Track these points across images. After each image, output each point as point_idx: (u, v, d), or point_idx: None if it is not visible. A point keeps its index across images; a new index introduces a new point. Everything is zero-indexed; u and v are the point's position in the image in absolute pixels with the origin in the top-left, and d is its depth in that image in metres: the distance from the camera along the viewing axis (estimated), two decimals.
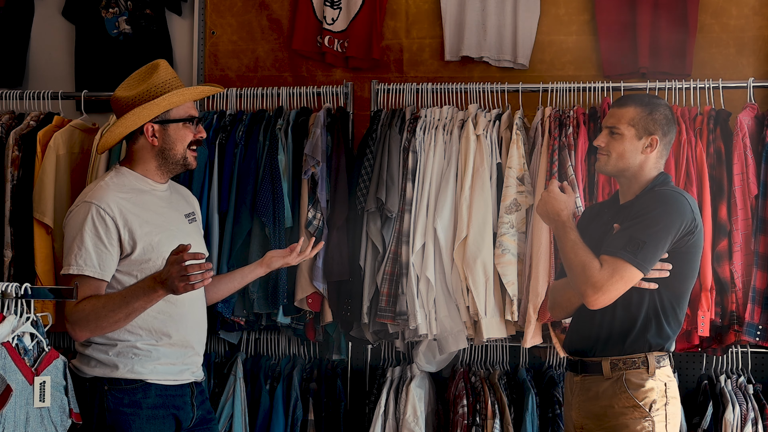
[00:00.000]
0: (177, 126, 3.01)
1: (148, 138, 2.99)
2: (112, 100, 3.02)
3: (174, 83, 3.01)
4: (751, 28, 4.22)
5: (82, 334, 2.84)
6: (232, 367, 3.99)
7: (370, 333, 3.87)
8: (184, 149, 3.02)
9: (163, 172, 3.04)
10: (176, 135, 3.01)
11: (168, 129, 3.00)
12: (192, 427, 3.01)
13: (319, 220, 3.82)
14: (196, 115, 3.06)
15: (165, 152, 3.01)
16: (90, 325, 2.81)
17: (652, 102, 3.01)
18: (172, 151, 3.01)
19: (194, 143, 3.05)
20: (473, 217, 3.70)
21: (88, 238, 2.84)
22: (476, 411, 3.79)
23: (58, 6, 4.78)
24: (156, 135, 2.99)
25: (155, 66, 3.03)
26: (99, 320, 2.80)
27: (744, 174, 3.62)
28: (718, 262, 3.61)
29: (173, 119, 3.01)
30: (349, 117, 4.06)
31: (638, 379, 2.88)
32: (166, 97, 2.97)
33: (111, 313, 2.79)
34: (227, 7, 4.65)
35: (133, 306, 2.79)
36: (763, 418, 3.68)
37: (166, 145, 3.00)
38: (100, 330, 2.83)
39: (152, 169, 3.02)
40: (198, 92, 3.07)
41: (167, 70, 3.03)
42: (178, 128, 3.01)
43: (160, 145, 3.00)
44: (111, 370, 2.87)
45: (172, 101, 2.98)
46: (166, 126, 3.00)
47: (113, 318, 2.80)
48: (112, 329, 2.84)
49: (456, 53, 4.43)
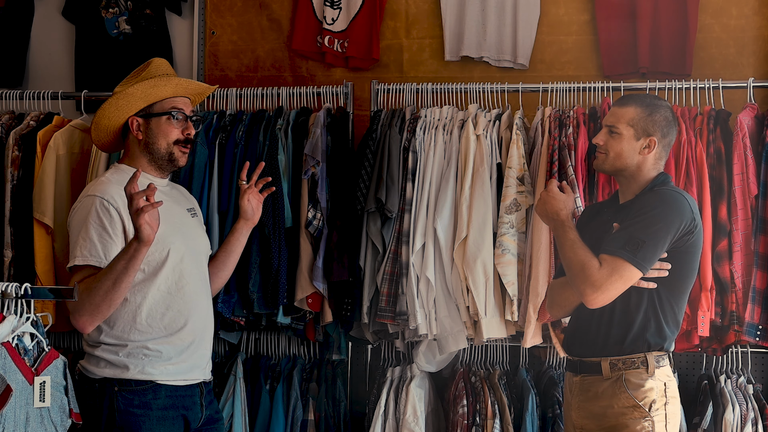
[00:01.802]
0: (159, 120, 3.01)
1: (133, 132, 3.01)
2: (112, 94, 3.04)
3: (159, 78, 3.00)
4: (751, 28, 4.22)
5: (83, 319, 2.79)
6: (232, 367, 3.99)
7: (370, 333, 3.87)
8: (168, 144, 3.01)
9: (156, 168, 3.04)
10: (158, 129, 3.01)
11: (150, 122, 3.01)
12: (200, 427, 3.02)
13: (319, 220, 3.82)
14: (183, 109, 3.04)
15: (150, 146, 3.01)
16: (86, 306, 2.76)
17: (654, 103, 3.01)
18: (156, 146, 3.01)
19: (182, 141, 3.03)
20: (473, 217, 3.70)
21: (93, 229, 2.84)
22: (476, 411, 3.79)
23: (58, 6, 4.78)
24: (140, 129, 3.01)
25: (150, 62, 3.05)
26: (91, 297, 2.75)
27: (744, 174, 3.62)
28: (718, 262, 3.61)
29: (155, 113, 3.00)
30: (349, 117, 4.06)
31: (638, 379, 2.88)
32: (142, 86, 2.96)
33: (99, 285, 2.74)
34: (227, 7, 4.65)
35: (116, 269, 2.73)
36: (763, 418, 3.68)
37: (149, 139, 3.01)
38: (96, 309, 2.77)
39: (145, 165, 3.03)
40: (178, 84, 3.02)
41: (160, 66, 3.03)
42: (159, 122, 3.01)
43: (144, 139, 3.01)
44: (121, 371, 2.87)
45: (147, 92, 2.97)
46: (148, 120, 3.00)
47: (102, 288, 2.73)
48: (107, 305, 2.77)
49: (456, 53, 4.43)
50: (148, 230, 2.68)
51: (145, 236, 2.69)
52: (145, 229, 2.68)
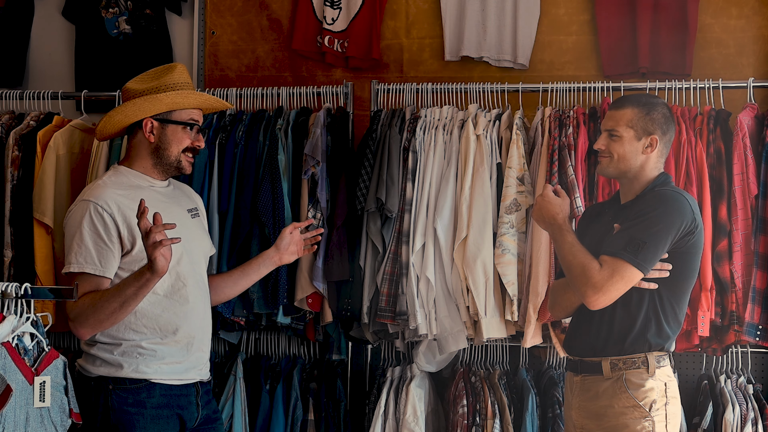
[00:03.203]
0: (176, 128, 3.02)
1: (145, 133, 3.00)
2: (123, 90, 3.05)
3: (186, 87, 3.03)
4: (751, 28, 4.22)
5: (84, 330, 2.84)
6: (232, 367, 3.99)
7: (370, 333, 3.87)
8: (179, 152, 3.03)
9: (159, 171, 3.05)
10: (173, 136, 3.02)
11: (166, 128, 3.01)
12: (197, 427, 3.02)
13: (319, 220, 3.82)
14: (198, 121, 3.07)
15: (160, 151, 3.02)
16: (89, 320, 2.81)
17: (650, 102, 3.01)
18: (167, 152, 3.02)
19: (190, 150, 3.05)
20: (473, 217, 3.70)
21: (87, 235, 2.85)
22: (476, 411, 3.79)
23: (58, 6, 4.78)
24: (153, 132, 3.00)
25: (172, 67, 3.06)
26: (96, 313, 2.79)
27: (744, 174, 3.62)
28: (718, 262, 3.61)
29: (174, 120, 3.01)
30: (349, 117, 4.06)
31: (638, 379, 2.88)
32: (171, 95, 2.98)
33: (106, 304, 2.78)
34: (227, 7, 4.65)
35: (125, 294, 2.77)
36: (763, 418, 3.68)
37: (161, 144, 3.01)
38: (99, 324, 2.82)
39: (149, 167, 3.03)
40: (202, 100, 3.07)
41: (183, 73, 3.05)
42: (176, 130, 3.02)
43: (156, 143, 3.01)
44: (116, 369, 2.88)
45: (175, 101, 2.99)
46: (165, 125, 3.00)
47: (109, 309, 2.78)
48: (111, 322, 2.82)
49: (456, 53, 4.43)
50: (162, 262, 2.70)
51: (159, 268, 2.71)
52: (159, 261, 2.69)
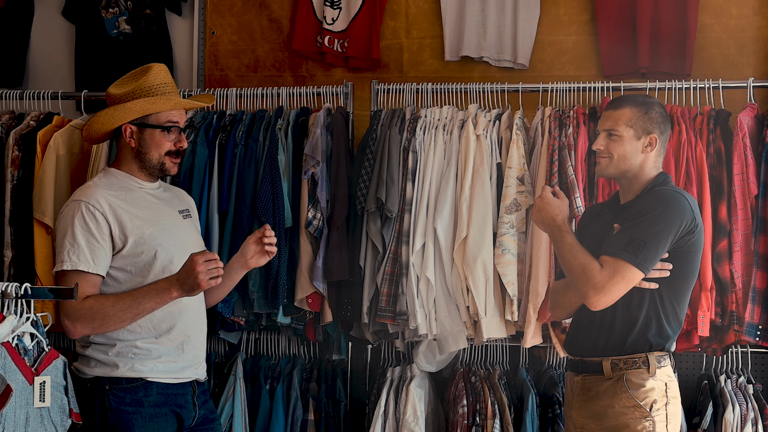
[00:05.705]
0: (153, 132, 3.01)
1: (126, 138, 3.01)
2: (105, 94, 3.07)
3: (160, 89, 3.00)
4: (751, 28, 4.22)
5: (82, 330, 2.84)
6: (232, 367, 3.99)
7: (370, 333, 3.87)
8: (160, 156, 3.03)
9: (145, 174, 3.06)
10: (152, 141, 3.01)
11: (144, 132, 3.01)
12: (194, 427, 3.02)
13: (319, 220, 3.82)
14: (178, 123, 3.05)
15: (141, 155, 3.03)
16: (94, 323, 2.82)
17: (646, 101, 3.03)
18: (147, 156, 3.02)
19: (173, 152, 3.05)
20: (473, 217, 3.70)
21: (79, 233, 2.86)
22: (476, 411, 3.79)
23: (58, 6, 4.78)
24: (133, 136, 3.02)
25: (148, 68, 3.04)
26: (105, 319, 2.81)
27: (744, 174, 3.62)
28: (718, 262, 3.61)
29: (150, 124, 3.00)
30: (349, 117, 4.06)
31: (639, 379, 2.89)
32: (139, 103, 2.97)
33: (120, 313, 2.81)
34: (227, 7, 4.65)
35: (143, 306, 2.82)
36: (763, 418, 3.68)
37: (141, 149, 3.02)
38: (102, 328, 2.84)
39: (135, 170, 3.05)
40: (172, 104, 3.03)
41: (159, 74, 3.02)
42: (153, 134, 3.01)
43: (137, 147, 3.02)
44: (111, 369, 2.88)
45: (144, 108, 2.98)
46: (143, 129, 3.01)
47: (121, 317, 2.82)
48: (114, 328, 2.85)
49: (456, 53, 4.43)
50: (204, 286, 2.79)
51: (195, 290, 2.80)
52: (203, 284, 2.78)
